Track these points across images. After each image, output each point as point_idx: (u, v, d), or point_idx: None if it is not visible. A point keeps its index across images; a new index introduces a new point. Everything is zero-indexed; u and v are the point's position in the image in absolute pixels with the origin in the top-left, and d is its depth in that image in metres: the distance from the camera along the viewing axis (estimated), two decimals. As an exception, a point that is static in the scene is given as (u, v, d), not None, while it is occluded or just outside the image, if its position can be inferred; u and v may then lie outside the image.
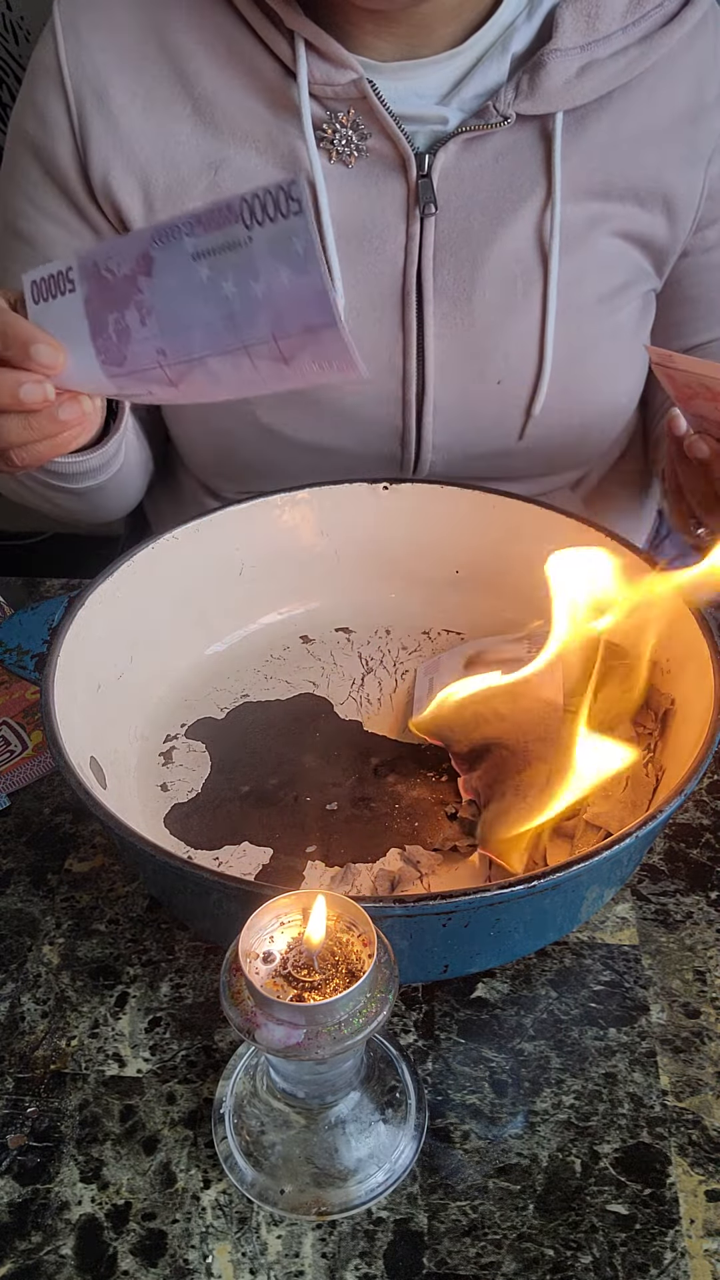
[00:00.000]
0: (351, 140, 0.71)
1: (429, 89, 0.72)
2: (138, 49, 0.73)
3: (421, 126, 0.72)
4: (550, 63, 0.69)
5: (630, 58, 0.70)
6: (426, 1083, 0.50)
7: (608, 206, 0.74)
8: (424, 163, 0.71)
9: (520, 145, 0.72)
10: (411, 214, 0.73)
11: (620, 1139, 0.48)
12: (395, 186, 0.72)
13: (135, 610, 0.66)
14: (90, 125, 0.73)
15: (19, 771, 0.65)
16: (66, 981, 0.55)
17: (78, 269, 0.52)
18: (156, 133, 0.73)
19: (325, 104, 0.71)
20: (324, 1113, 0.46)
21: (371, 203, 0.73)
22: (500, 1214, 0.45)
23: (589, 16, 0.69)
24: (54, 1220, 0.46)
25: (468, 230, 0.73)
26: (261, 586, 0.73)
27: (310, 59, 0.69)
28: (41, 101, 0.74)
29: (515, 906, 0.48)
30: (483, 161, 0.72)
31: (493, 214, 0.73)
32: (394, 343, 0.75)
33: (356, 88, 0.69)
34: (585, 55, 0.69)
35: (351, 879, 0.57)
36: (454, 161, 0.72)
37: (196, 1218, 0.46)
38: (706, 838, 0.62)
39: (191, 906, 0.52)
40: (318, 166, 0.72)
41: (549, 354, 0.75)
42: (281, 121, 0.72)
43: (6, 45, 1.25)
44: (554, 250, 0.73)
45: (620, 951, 0.55)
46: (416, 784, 0.62)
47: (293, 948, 0.42)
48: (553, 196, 0.72)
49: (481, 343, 0.75)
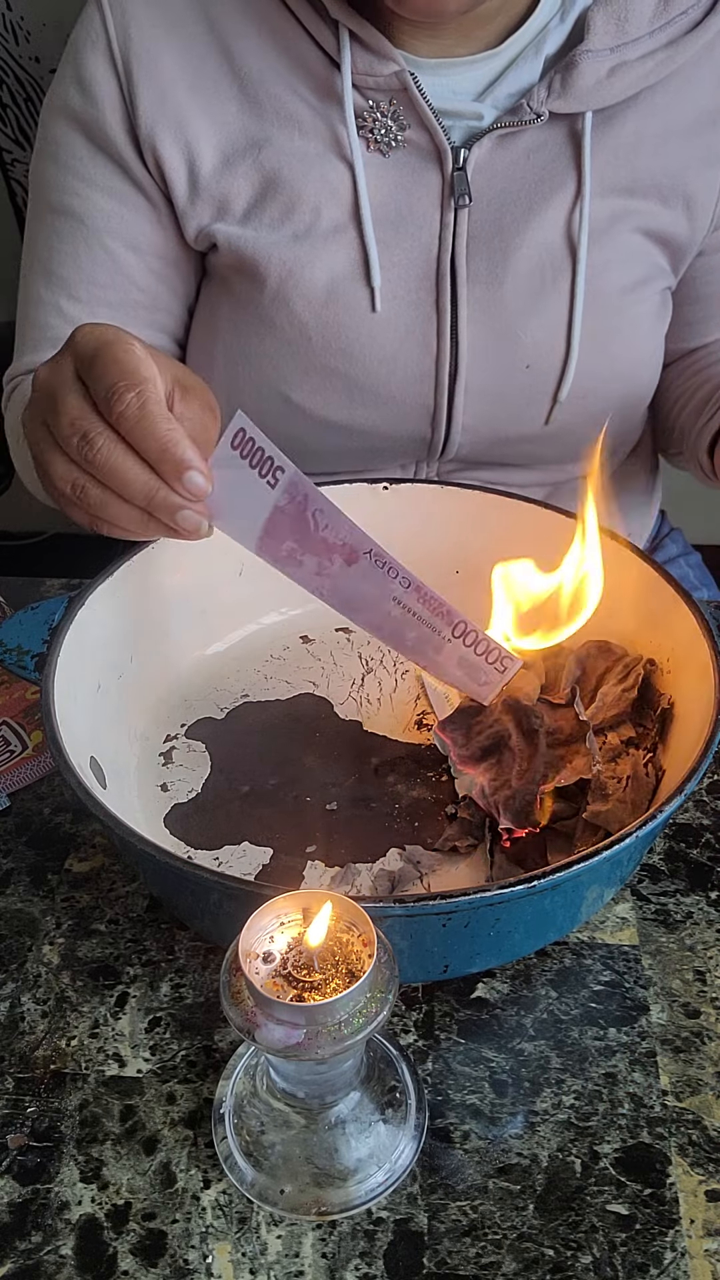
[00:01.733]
0: (391, 130, 0.74)
1: (465, 86, 0.74)
2: (185, 26, 0.74)
3: (457, 121, 0.74)
4: (582, 63, 0.71)
5: (658, 60, 0.72)
6: (426, 1083, 0.50)
7: (631, 203, 0.77)
8: (459, 156, 0.74)
9: (551, 142, 0.74)
10: (446, 204, 0.75)
11: (620, 1139, 0.48)
12: (431, 178, 0.75)
13: (135, 610, 0.66)
14: (139, 92, 0.74)
15: (19, 771, 0.65)
16: (66, 981, 0.55)
17: (288, 479, 0.52)
18: (203, 110, 0.74)
19: (366, 94, 0.73)
20: (324, 1113, 0.46)
21: (408, 191, 0.75)
22: (500, 1214, 0.45)
23: (619, 20, 0.71)
24: (54, 1220, 0.46)
25: (500, 222, 0.75)
26: (261, 586, 0.73)
27: (354, 50, 0.71)
28: (87, 75, 0.75)
29: (515, 906, 0.48)
30: (515, 157, 0.74)
31: (524, 207, 0.75)
32: (429, 323, 0.77)
33: (398, 80, 0.72)
34: (615, 57, 0.71)
35: (351, 879, 0.57)
36: (488, 156, 0.74)
37: (196, 1218, 0.46)
38: (706, 838, 0.62)
39: (191, 906, 0.52)
40: (358, 153, 0.74)
41: (575, 341, 0.77)
42: (325, 108, 0.74)
43: (6, 45, 1.25)
44: (582, 243, 0.75)
45: (620, 951, 0.55)
46: (416, 784, 0.62)
47: (293, 948, 0.42)
48: (582, 192, 0.74)
49: (512, 327, 0.77)
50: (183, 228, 0.78)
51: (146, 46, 0.74)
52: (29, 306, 0.83)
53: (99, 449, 0.50)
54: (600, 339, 0.78)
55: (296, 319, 0.76)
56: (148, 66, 0.74)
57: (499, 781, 0.58)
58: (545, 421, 0.80)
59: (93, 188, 0.78)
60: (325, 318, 0.76)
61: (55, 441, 0.53)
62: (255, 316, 0.78)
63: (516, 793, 0.57)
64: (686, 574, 1.01)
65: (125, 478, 0.51)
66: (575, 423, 0.81)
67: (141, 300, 0.81)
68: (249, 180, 0.75)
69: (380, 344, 0.77)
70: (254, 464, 0.51)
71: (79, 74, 0.76)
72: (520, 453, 0.83)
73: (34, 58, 1.26)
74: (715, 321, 0.87)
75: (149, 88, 0.74)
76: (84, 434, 0.51)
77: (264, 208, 0.75)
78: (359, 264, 0.75)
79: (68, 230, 0.79)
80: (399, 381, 0.78)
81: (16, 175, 1.36)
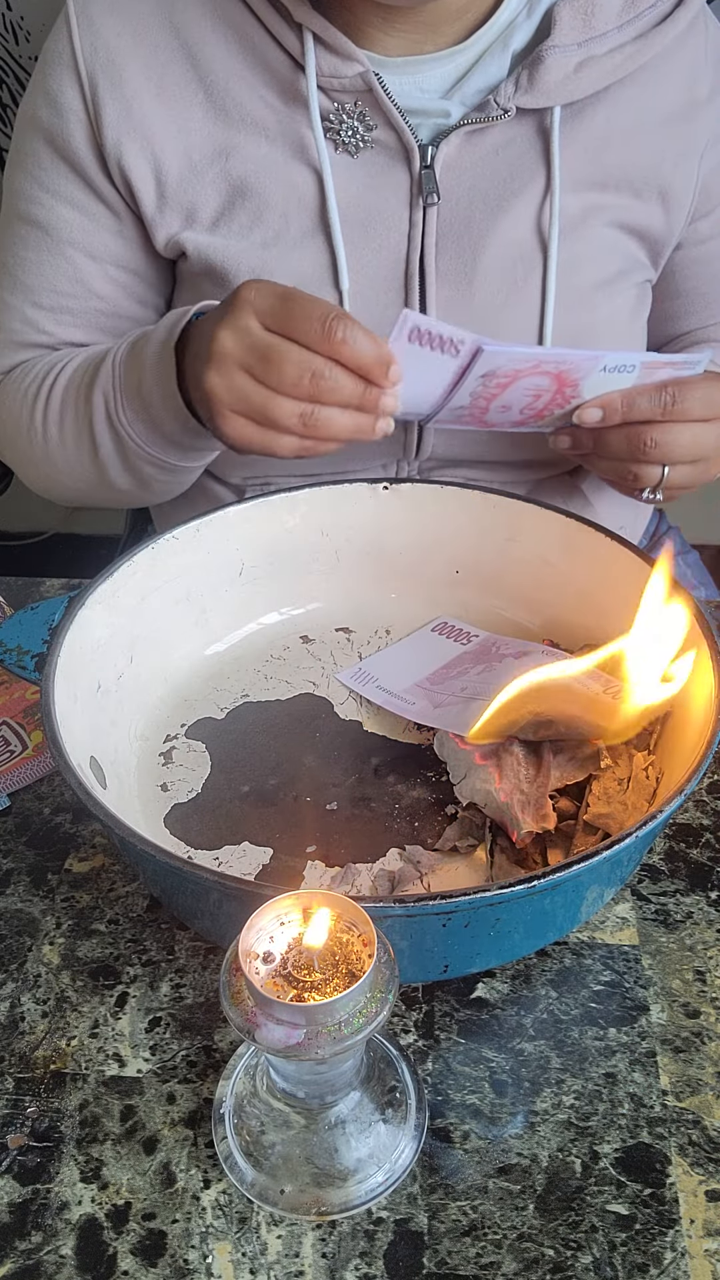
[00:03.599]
0: (358, 131, 0.74)
1: (432, 84, 0.74)
2: (150, 35, 0.74)
3: (425, 119, 0.74)
4: (549, 59, 0.71)
5: (626, 54, 0.72)
6: (426, 1083, 0.50)
7: (604, 197, 0.77)
8: (427, 154, 0.73)
9: (519, 138, 0.74)
10: (415, 203, 0.75)
11: (620, 1139, 0.48)
12: (399, 176, 0.74)
13: (135, 610, 0.66)
14: (104, 106, 0.74)
15: (19, 771, 0.65)
16: (66, 981, 0.55)
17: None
18: (169, 118, 0.75)
19: (332, 96, 0.73)
20: (324, 1113, 0.46)
21: (376, 191, 0.75)
22: (500, 1214, 0.45)
23: (585, 15, 0.71)
24: (54, 1220, 0.46)
25: (469, 219, 0.75)
26: (261, 586, 0.73)
27: (318, 52, 0.71)
28: (55, 88, 0.76)
29: (515, 906, 0.48)
30: (483, 153, 0.74)
31: (493, 203, 0.75)
32: None
33: (363, 80, 0.72)
34: (582, 52, 0.71)
35: (351, 879, 0.57)
36: (456, 153, 0.74)
37: (196, 1218, 0.46)
38: (706, 838, 0.62)
39: (191, 906, 0.52)
40: (325, 156, 0.73)
41: (548, 339, 0.77)
42: (291, 112, 0.74)
43: (6, 45, 1.25)
44: (553, 238, 0.75)
45: (620, 951, 0.55)
46: (416, 784, 0.62)
47: (293, 948, 0.42)
48: (551, 187, 0.74)
49: (483, 326, 0.76)
50: (152, 237, 0.78)
51: (112, 58, 0.74)
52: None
53: (329, 377, 0.59)
54: (575, 335, 0.78)
55: None
56: (113, 79, 0.74)
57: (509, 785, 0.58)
58: None
59: (56, 198, 0.79)
60: None
61: (275, 388, 0.61)
62: None
63: (529, 795, 0.57)
64: (685, 573, 1.01)
65: (346, 391, 0.60)
66: None
67: (102, 308, 0.82)
68: (216, 188, 0.75)
69: None
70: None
71: (47, 87, 0.76)
72: (498, 449, 0.83)
73: (34, 58, 1.26)
74: (695, 317, 0.87)
75: (114, 101, 0.74)
76: (313, 371, 0.59)
77: (232, 215, 0.75)
78: (327, 267, 0.75)
79: (33, 239, 0.80)
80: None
81: (16, 175, 1.36)
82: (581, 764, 0.58)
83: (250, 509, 0.70)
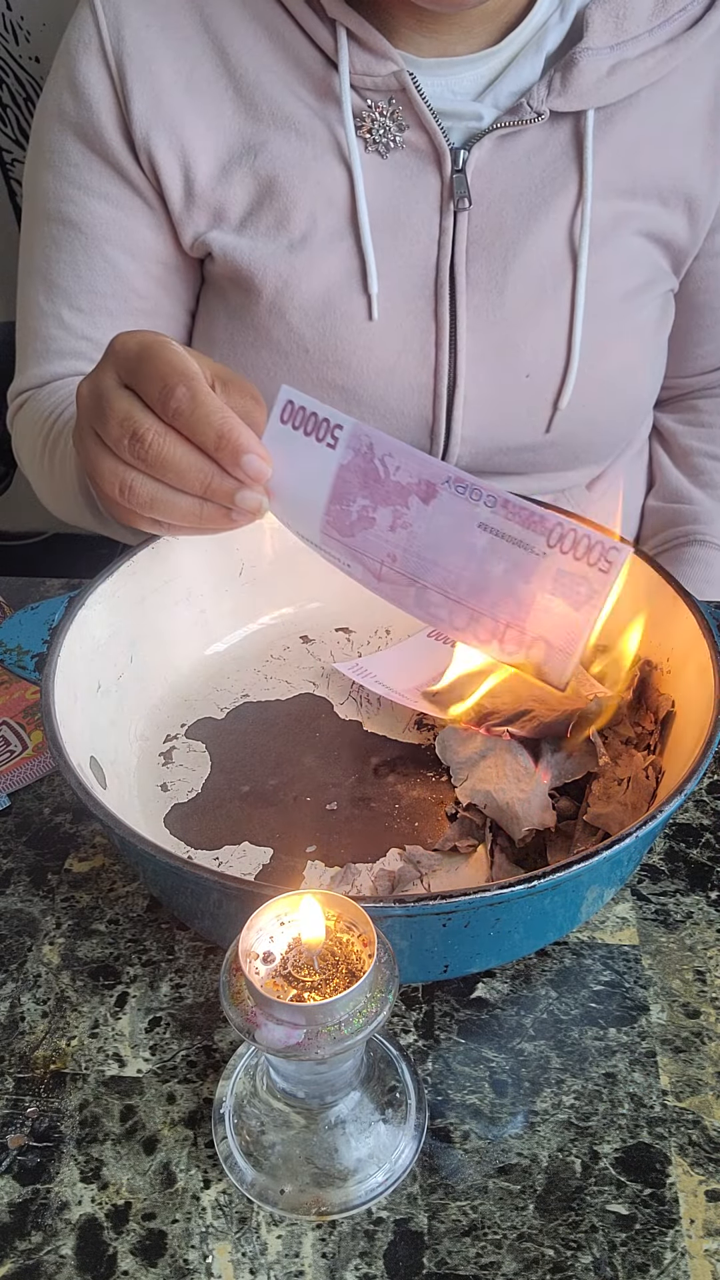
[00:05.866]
0: (390, 131, 0.73)
1: (465, 86, 0.73)
2: (180, 28, 0.73)
3: (457, 122, 0.73)
4: (582, 61, 0.70)
5: (658, 58, 0.71)
6: (426, 1083, 0.50)
7: (633, 205, 0.76)
8: (458, 158, 0.72)
9: (552, 143, 0.73)
10: (445, 208, 0.74)
11: (620, 1139, 0.48)
12: (430, 180, 0.73)
13: (135, 610, 0.66)
14: (133, 93, 0.73)
15: (19, 771, 0.65)
16: (66, 981, 0.55)
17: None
18: (198, 114, 0.73)
19: (364, 95, 0.72)
20: (324, 1113, 0.46)
21: (406, 194, 0.74)
22: (500, 1214, 0.45)
23: (617, 17, 0.70)
24: (54, 1220, 0.46)
25: (500, 226, 0.74)
26: (261, 586, 0.73)
27: (352, 49, 0.70)
28: (81, 78, 0.74)
29: (515, 906, 0.48)
30: (515, 158, 0.73)
31: (525, 210, 0.74)
32: (427, 333, 0.76)
33: (397, 80, 0.71)
34: (615, 55, 0.70)
35: (351, 879, 0.57)
36: (488, 158, 0.73)
37: (196, 1218, 0.46)
38: (706, 838, 0.62)
39: (191, 906, 0.52)
40: (356, 155, 0.72)
41: (577, 348, 0.76)
42: (323, 108, 0.73)
43: (6, 45, 1.25)
44: (584, 247, 0.74)
45: (620, 951, 0.55)
46: (416, 784, 0.62)
47: (293, 948, 0.42)
48: (584, 193, 0.73)
49: (512, 336, 0.76)
50: (179, 234, 0.77)
51: (140, 49, 0.73)
52: (29, 318, 0.82)
53: (150, 443, 0.52)
54: (602, 346, 0.77)
55: (293, 331, 0.75)
56: (141, 69, 0.73)
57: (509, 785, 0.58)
58: (546, 430, 0.79)
59: (89, 194, 0.77)
60: (322, 329, 0.75)
61: (105, 445, 0.54)
62: (250, 328, 0.77)
63: (529, 795, 0.57)
64: None
65: (180, 467, 0.52)
66: (576, 429, 0.80)
67: (143, 307, 0.80)
68: (245, 187, 0.74)
69: (378, 355, 0.76)
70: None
71: (72, 77, 0.74)
72: (521, 461, 0.82)
73: (34, 58, 1.26)
74: (706, 334, 0.86)
75: (143, 91, 0.73)
76: (134, 432, 0.52)
77: (260, 215, 0.74)
78: (356, 271, 0.74)
79: (65, 239, 0.78)
80: (397, 393, 0.77)
81: (16, 175, 1.36)
82: (581, 763, 0.58)
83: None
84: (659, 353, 0.83)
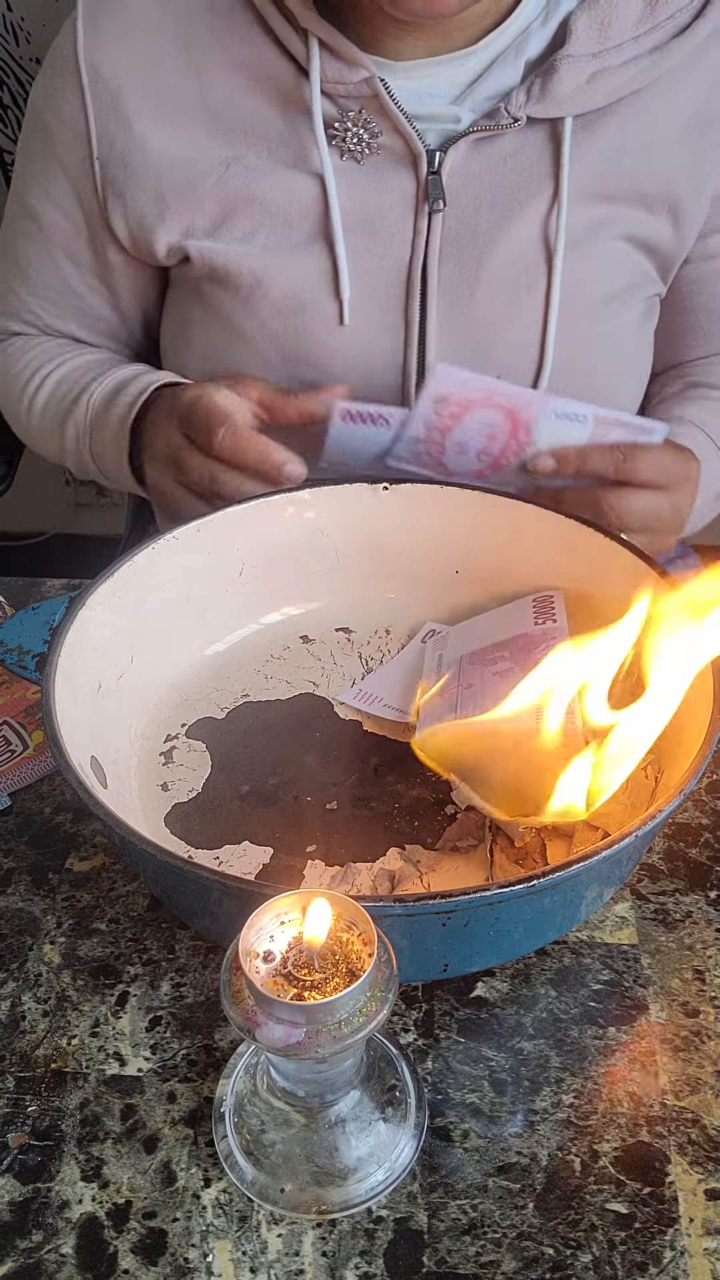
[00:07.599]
0: (363, 138, 0.73)
1: (442, 88, 0.73)
2: (156, 47, 0.74)
3: (433, 124, 0.73)
4: (562, 68, 0.70)
5: (641, 67, 0.71)
6: (426, 1081, 0.50)
7: (614, 210, 0.75)
8: (434, 160, 0.73)
9: (529, 147, 0.73)
10: (420, 209, 0.74)
11: (620, 1138, 0.48)
12: (405, 182, 0.74)
13: (135, 610, 0.66)
14: (104, 121, 0.75)
15: (20, 771, 0.65)
16: (67, 980, 0.55)
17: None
18: (170, 134, 0.75)
19: (337, 101, 0.73)
20: (324, 1111, 0.46)
21: (380, 197, 0.74)
22: (500, 1213, 0.45)
23: (602, 25, 0.69)
24: (54, 1219, 0.46)
25: (474, 227, 0.74)
26: (261, 586, 0.73)
27: (323, 58, 0.71)
28: (59, 95, 0.77)
29: (515, 906, 0.48)
30: (492, 161, 0.73)
31: (500, 213, 0.74)
32: (396, 335, 0.76)
33: (369, 86, 0.71)
34: (597, 63, 0.70)
35: (351, 879, 0.57)
36: (464, 160, 0.73)
37: (197, 1216, 0.46)
38: (706, 837, 0.62)
39: (192, 906, 0.52)
40: (328, 166, 0.73)
41: (549, 352, 0.76)
42: (293, 121, 0.73)
43: (6, 45, 1.25)
44: (559, 250, 0.74)
45: (620, 951, 0.56)
46: (416, 784, 0.62)
47: (293, 947, 0.42)
48: (559, 198, 0.73)
49: (483, 338, 0.76)
50: (153, 246, 0.78)
51: (116, 73, 0.74)
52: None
53: (223, 484, 0.69)
54: (577, 349, 0.77)
55: (266, 328, 0.76)
56: (115, 97, 0.75)
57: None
58: None
59: (48, 200, 0.81)
60: (294, 327, 0.76)
61: (191, 490, 0.71)
62: (226, 325, 0.78)
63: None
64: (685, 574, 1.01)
65: (247, 487, 0.69)
66: None
67: (79, 305, 0.86)
68: (215, 200, 0.75)
69: (348, 356, 0.77)
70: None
71: (53, 86, 0.77)
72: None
73: (34, 59, 1.26)
74: (701, 334, 0.85)
75: (115, 121, 0.75)
76: (211, 477, 0.69)
77: (234, 222, 0.75)
78: (328, 276, 0.74)
79: (30, 231, 0.83)
80: (366, 393, 0.77)
81: (17, 175, 1.36)
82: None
83: (250, 509, 0.70)
84: (639, 356, 0.83)
